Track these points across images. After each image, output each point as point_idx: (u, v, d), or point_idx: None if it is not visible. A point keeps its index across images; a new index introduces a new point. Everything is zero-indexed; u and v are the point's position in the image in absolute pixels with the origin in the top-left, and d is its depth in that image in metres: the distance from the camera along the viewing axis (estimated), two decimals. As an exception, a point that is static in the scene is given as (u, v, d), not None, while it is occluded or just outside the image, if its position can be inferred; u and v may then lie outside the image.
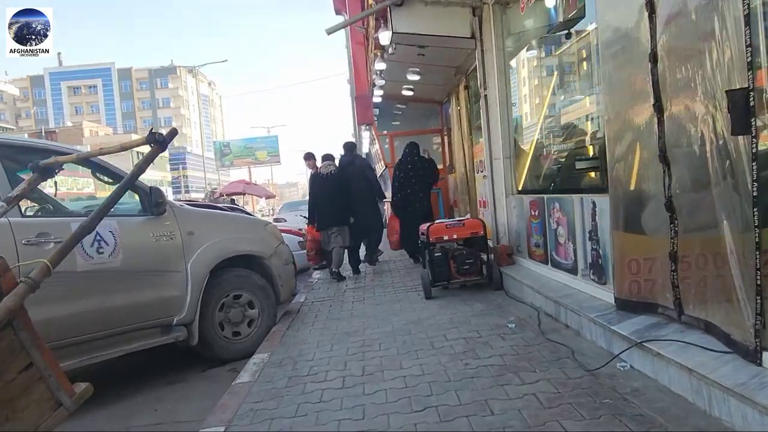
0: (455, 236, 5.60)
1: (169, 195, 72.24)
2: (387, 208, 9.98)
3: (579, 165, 4.52)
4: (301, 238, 8.65)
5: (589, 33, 4.33)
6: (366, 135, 13.57)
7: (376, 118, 11.70)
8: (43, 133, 60.59)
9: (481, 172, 8.13)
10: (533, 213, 5.11)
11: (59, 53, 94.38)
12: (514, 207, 5.76)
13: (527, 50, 6.18)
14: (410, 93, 10.66)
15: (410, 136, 11.90)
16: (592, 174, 4.27)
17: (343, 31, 29.65)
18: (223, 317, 4.87)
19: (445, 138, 11.56)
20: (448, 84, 9.80)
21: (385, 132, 11.61)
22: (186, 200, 28.20)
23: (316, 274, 8.73)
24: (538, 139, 5.77)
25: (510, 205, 5.91)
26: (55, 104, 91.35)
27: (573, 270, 4.24)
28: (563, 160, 5.06)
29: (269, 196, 37.95)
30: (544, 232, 4.83)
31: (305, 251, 8.60)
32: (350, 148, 8.66)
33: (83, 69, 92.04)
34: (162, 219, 4.50)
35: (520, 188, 5.88)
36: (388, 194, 9.25)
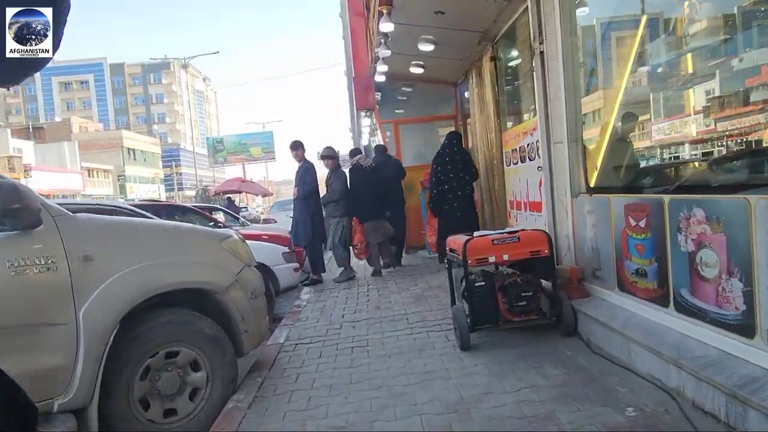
0: (506, 257, 3.76)
1: (161, 193, 70.59)
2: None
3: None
4: (287, 249, 6.82)
5: None
6: (366, 123, 11.66)
7: (378, 103, 9.83)
8: (30, 129, 58.63)
9: (514, 164, 6.32)
10: (633, 223, 3.28)
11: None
12: (589, 212, 3.93)
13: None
14: (420, 71, 8.81)
15: (419, 123, 10.08)
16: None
17: (340, 19, 27.78)
18: (149, 389, 3.07)
19: (460, 126, 9.73)
20: (468, 57, 7.95)
21: (389, 119, 9.77)
22: (149, 200, 26.45)
23: (305, 294, 6.90)
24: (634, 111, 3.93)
25: (580, 209, 4.08)
26: (46, 100, 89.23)
27: (743, 329, 2.41)
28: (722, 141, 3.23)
29: (266, 194, 36.34)
30: (662, 256, 3.00)
31: (292, 265, 6.75)
32: (382, 150, 8.70)
33: (75, 64, 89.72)
34: (32, 237, 2.68)
35: (594, 185, 4.06)
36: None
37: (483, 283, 3.73)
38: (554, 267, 3.85)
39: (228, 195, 24.76)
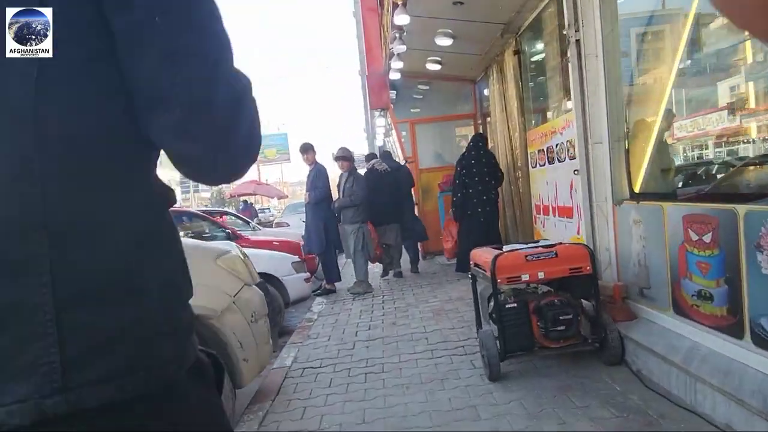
0: (541, 275, 3.28)
1: (178, 195, 72.78)
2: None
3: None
4: (297, 258, 6.40)
5: None
6: (381, 124, 11.22)
7: (393, 102, 9.37)
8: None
9: (541, 165, 5.83)
10: (695, 237, 2.79)
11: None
12: (636, 222, 3.44)
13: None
14: (437, 67, 8.34)
15: (436, 122, 9.61)
16: None
17: (354, 18, 27.39)
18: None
19: (479, 125, 9.24)
20: (489, 51, 7.46)
21: (404, 119, 9.31)
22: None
23: (317, 305, 6.49)
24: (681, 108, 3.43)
25: (624, 218, 3.59)
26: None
27: None
28: None
29: (281, 197, 36.00)
30: (734, 277, 2.51)
31: (303, 275, 6.32)
32: (388, 155, 8.55)
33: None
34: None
35: (639, 190, 3.57)
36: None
37: (515, 305, 3.26)
38: (597, 286, 3.36)
39: (244, 197, 24.49)
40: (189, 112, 0.65)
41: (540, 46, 6.23)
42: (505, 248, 3.55)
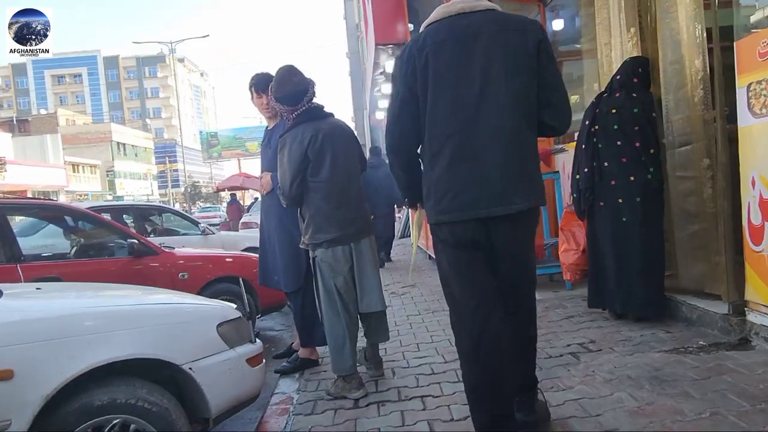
0: None
1: (154, 189, 67.32)
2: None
3: None
4: (230, 316, 3.07)
5: None
6: (384, 69, 7.21)
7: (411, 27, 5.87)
8: (15, 122, 55.02)
9: None
10: None
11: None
12: None
13: None
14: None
15: None
16: None
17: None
18: None
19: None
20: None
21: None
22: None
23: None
24: None
25: None
26: (39, 94, 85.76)
27: None
28: None
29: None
30: None
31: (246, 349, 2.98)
32: (378, 152, 8.18)
33: (68, 57, 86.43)
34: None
35: None
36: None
37: None
38: None
39: (233, 191, 21.39)
40: None
41: None
42: None
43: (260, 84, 3.48)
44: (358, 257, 2.88)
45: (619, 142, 3.56)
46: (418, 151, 2.06)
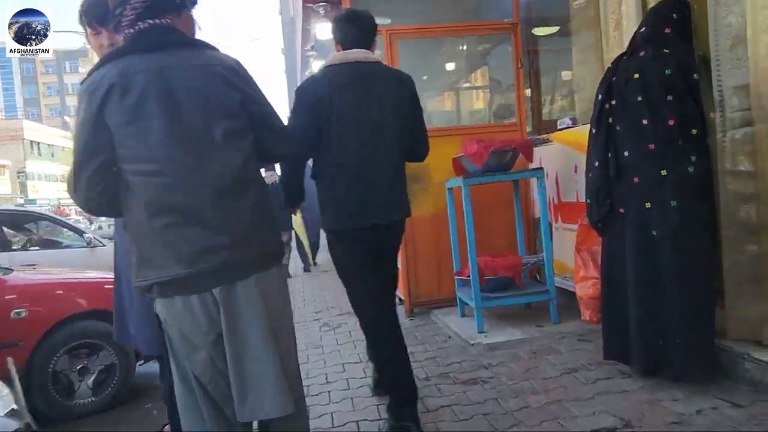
0: None
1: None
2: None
3: None
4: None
5: None
6: (322, 35, 5.74)
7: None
8: None
9: None
10: None
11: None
12: None
13: None
14: None
15: (440, 37, 5.04)
16: None
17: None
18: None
19: (522, 47, 4.69)
20: None
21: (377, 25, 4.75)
22: None
23: None
24: None
25: None
26: (-59, 88, 78.69)
27: None
28: None
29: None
30: None
31: None
32: None
33: (-25, 48, 79.35)
34: None
35: None
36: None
37: None
38: None
39: None
40: None
41: None
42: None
43: (97, 12, 2.08)
44: (230, 317, 1.50)
45: (644, 121, 2.45)
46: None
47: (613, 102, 2.55)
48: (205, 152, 1.47)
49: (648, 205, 2.43)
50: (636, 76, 2.45)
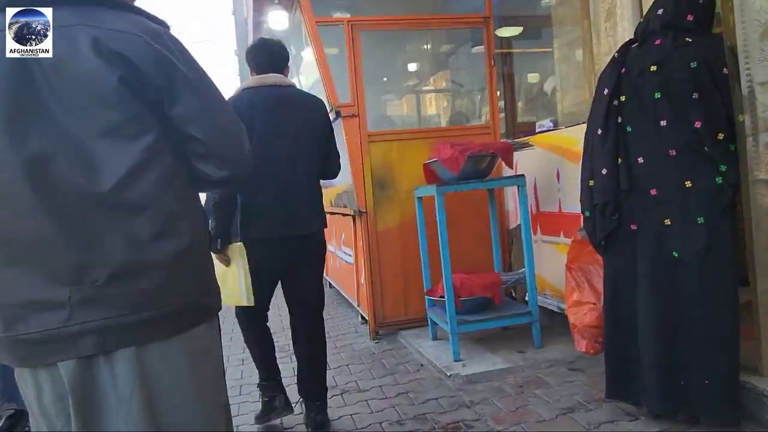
0: None
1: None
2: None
3: None
4: None
5: None
6: (279, 26, 5.02)
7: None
8: None
9: None
10: None
11: None
12: None
13: None
14: None
15: (406, 30, 4.61)
16: None
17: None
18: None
19: (497, 55, 4.29)
20: None
21: (334, 17, 4.19)
22: None
23: None
24: None
25: None
26: None
27: None
28: None
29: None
30: None
31: None
32: None
33: None
34: None
35: None
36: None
37: None
38: None
39: None
40: None
41: None
42: None
43: None
44: (80, 406, 0.98)
45: (663, 122, 2.09)
46: None
47: (622, 98, 2.19)
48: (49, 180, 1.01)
49: (668, 221, 2.07)
50: (653, 68, 2.08)
